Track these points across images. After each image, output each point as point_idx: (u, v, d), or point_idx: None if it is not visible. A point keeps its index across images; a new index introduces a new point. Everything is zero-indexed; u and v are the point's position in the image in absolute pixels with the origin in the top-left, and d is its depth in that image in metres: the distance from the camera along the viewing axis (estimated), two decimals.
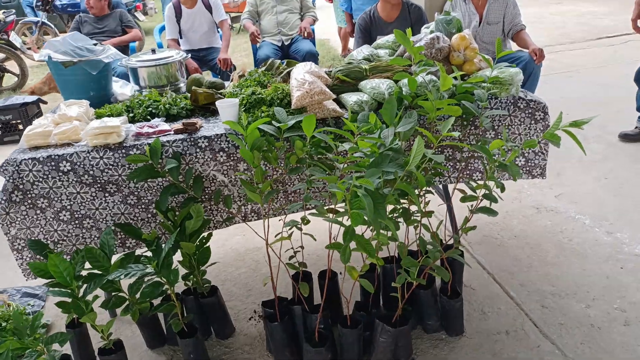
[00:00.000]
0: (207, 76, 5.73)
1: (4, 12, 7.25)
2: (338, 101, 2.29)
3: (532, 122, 2.30)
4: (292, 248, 2.12)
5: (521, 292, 2.50)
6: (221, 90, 2.48)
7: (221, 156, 2.12)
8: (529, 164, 2.40)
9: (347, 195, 1.51)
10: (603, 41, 7.22)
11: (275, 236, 1.98)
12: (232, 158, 2.13)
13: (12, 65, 7.24)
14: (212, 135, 2.10)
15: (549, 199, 3.34)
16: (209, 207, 2.22)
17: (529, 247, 2.86)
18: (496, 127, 2.29)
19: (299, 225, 1.93)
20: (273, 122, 1.96)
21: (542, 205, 3.27)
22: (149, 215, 2.17)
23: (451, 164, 2.34)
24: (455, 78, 2.14)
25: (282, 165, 2.11)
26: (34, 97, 5.22)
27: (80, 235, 2.13)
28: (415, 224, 1.95)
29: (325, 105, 2.14)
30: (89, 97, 2.45)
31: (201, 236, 2.16)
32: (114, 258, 1.97)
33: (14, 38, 7.14)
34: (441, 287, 2.24)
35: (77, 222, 2.10)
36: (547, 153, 2.37)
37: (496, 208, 1.92)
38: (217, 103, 2.14)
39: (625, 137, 4.04)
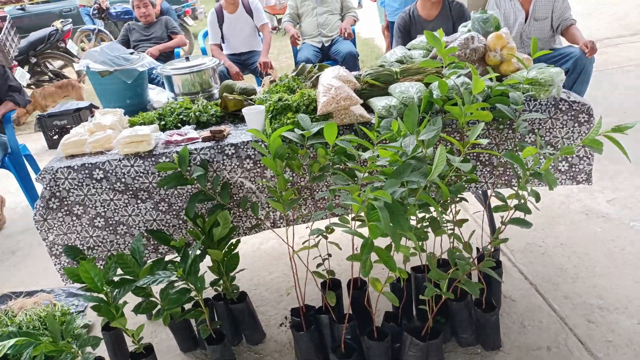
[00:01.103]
0: (250, 80, 5.82)
1: (62, 21, 7.65)
2: (367, 106, 2.24)
3: (576, 125, 2.15)
4: (320, 255, 2.09)
5: (565, 305, 2.35)
6: (252, 97, 2.48)
7: (248, 163, 2.11)
8: (573, 169, 2.25)
9: (363, 207, 1.46)
10: None
11: (303, 244, 1.96)
12: (258, 165, 2.12)
13: (70, 72, 7.63)
14: (239, 142, 2.10)
15: (600, 204, 3.13)
16: (237, 213, 2.23)
17: (576, 256, 2.69)
18: (536, 131, 2.16)
19: (325, 234, 1.90)
20: (296, 129, 1.94)
21: (592, 210, 3.07)
22: (180, 222, 2.20)
23: (488, 169, 2.23)
24: (490, 79, 2.04)
25: (306, 173, 2.09)
26: (86, 103, 5.47)
27: (115, 241, 2.19)
28: (447, 233, 1.87)
29: (352, 111, 2.09)
30: (126, 104, 2.52)
31: (229, 243, 2.17)
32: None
33: (71, 46, 7.52)
34: (476, 299, 2.14)
35: (111, 228, 2.16)
36: (592, 158, 2.21)
37: (541, 213, 1.81)
38: (243, 111, 2.14)
39: None
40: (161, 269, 1.96)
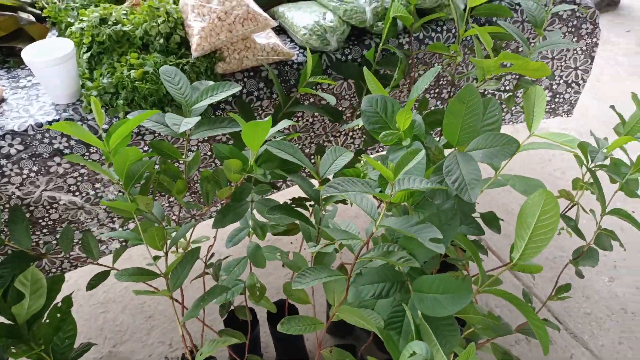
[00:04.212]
0: None
1: None
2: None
3: (575, 38, 1.47)
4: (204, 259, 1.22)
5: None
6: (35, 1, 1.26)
7: (59, 163, 1.05)
8: (557, 99, 1.63)
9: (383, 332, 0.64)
10: None
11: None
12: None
13: None
14: (29, 126, 1.00)
15: None
16: (52, 242, 1.19)
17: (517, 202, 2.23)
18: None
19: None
20: (170, 111, 0.92)
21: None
22: None
23: None
24: None
25: (197, 197, 1.12)
26: None
27: None
28: None
29: (256, 44, 1.10)
30: None
31: (52, 308, 1.16)
32: None
33: None
34: None
35: None
36: (583, 84, 1.60)
37: None
38: (24, 55, 0.98)
39: None
40: None
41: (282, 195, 1.93)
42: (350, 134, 1.44)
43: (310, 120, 1.30)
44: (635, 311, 1.72)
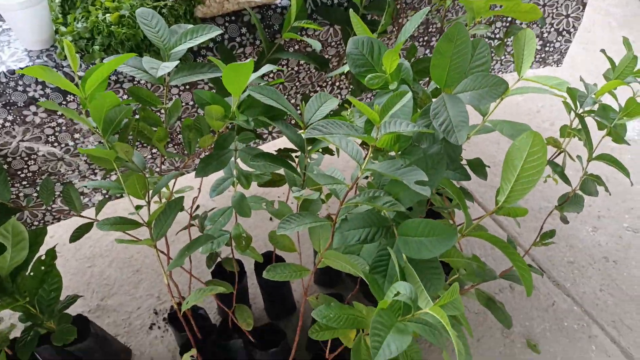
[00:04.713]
0: None
1: None
2: None
3: None
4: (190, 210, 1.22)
5: None
6: None
7: (35, 112, 1.01)
8: (547, 48, 1.60)
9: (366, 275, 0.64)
10: None
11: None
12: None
13: None
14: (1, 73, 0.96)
15: None
16: (33, 194, 1.17)
17: (502, 149, 2.23)
18: None
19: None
20: (148, 56, 0.88)
21: None
22: None
23: None
24: None
25: (180, 148, 1.09)
26: None
27: None
28: None
29: None
30: None
31: (36, 260, 1.15)
32: None
33: None
34: None
35: None
36: (574, 33, 1.57)
37: None
38: None
39: None
40: None
41: (268, 148, 1.90)
42: (337, 83, 1.41)
43: (296, 69, 1.26)
44: (617, 260, 1.76)
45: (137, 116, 0.98)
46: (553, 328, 1.56)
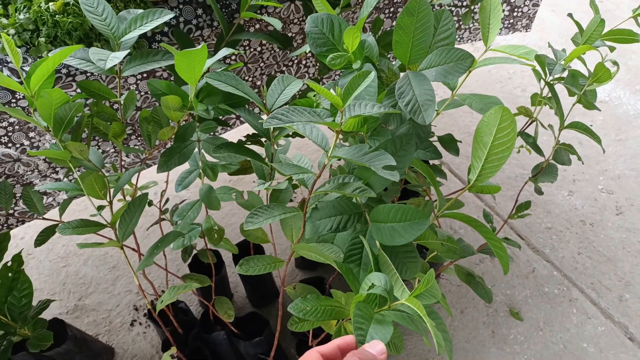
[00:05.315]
0: None
1: None
2: None
3: None
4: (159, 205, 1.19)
5: None
6: None
7: None
8: (515, 13, 1.57)
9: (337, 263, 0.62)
10: None
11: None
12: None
13: None
14: None
15: None
16: None
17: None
18: None
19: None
20: (96, 47, 0.82)
21: None
22: None
23: None
24: None
25: (139, 142, 1.04)
26: None
27: None
28: None
29: None
30: None
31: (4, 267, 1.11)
32: None
33: None
34: None
35: None
36: None
37: None
38: None
39: None
40: None
41: (239, 133, 1.86)
42: (304, 62, 1.36)
43: (259, 49, 1.21)
44: (594, 222, 1.78)
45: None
46: (534, 294, 1.58)
